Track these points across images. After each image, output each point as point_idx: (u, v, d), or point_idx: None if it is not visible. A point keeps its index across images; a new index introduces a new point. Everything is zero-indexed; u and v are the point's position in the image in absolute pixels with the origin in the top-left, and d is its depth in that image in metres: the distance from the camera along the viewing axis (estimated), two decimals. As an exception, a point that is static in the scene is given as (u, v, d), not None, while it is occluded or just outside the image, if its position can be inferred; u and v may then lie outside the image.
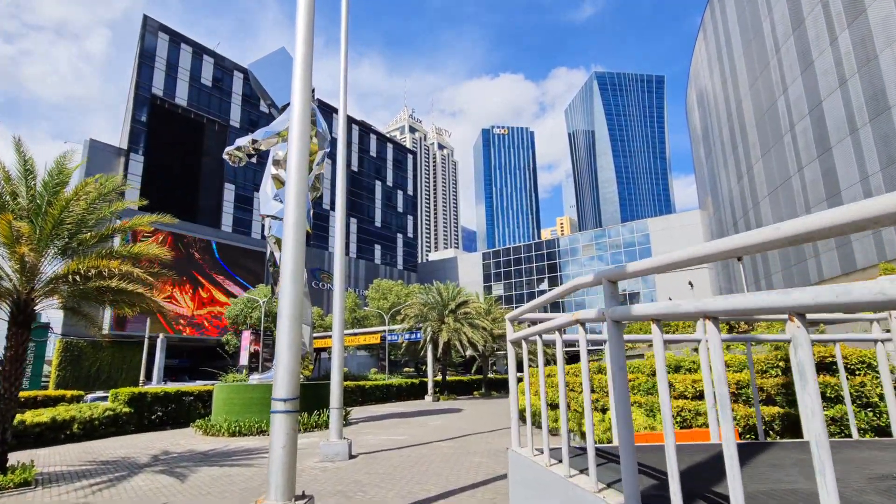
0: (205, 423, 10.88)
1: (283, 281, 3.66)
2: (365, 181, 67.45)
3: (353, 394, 22.10)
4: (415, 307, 24.21)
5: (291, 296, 3.62)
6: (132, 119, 40.11)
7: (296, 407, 3.48)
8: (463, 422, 13.02)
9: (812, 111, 20.00)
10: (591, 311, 2.27)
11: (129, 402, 11.77)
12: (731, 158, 28.98)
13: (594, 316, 2.15)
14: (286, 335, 3.56)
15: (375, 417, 15.01)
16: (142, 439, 10.28)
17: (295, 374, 3.54)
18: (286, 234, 3.75)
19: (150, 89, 41.86)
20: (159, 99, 42.81)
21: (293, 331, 3.57)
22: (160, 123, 42.78)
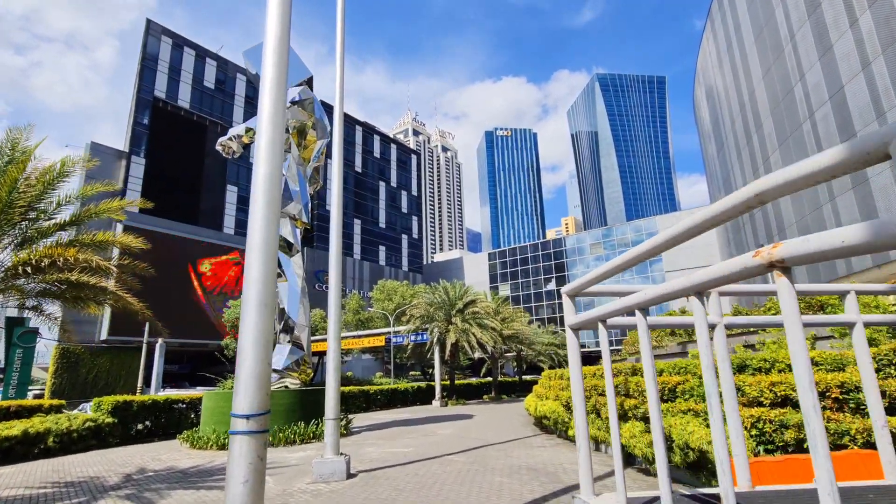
0: (192, 435, 10.01)
1: (251, 255, 2.77)
2: (369, 182, 66.84)
3: (356, 399, 21.19)
4: (420, 307, 23.30)
5: (261, 274, 2.73)
6: (134, 122, 39.75)
7: (263, 425, 2.57)
8: (475, 430, 12.05)
9: (833, 97, 18.98)
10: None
11: (113, 412, 10.94)
12: (746, 151, 27.93)
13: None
14: (252, 328, 2.67)
15: (379, 425, 14.08)
16: (122, 454, 9.41)
17: (263, 380, 2.63)
18: (255, 191, 2.86)
19: (153, 92, 41.57)
20: (161, 101, 42.50)
21: (262, 322, 2.68)
22: (162, 126, 42.45)
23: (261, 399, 2.59)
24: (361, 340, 26.79)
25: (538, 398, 12.66)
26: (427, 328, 22.68)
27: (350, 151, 64.68)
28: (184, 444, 10.25)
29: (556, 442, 9.25)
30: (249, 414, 2.54)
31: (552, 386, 10.89)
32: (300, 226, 12.87)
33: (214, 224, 47.05)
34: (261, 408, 2.58)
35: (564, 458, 7.28)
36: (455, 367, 25.56)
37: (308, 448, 9.43)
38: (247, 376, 2.61)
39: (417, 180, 76.02)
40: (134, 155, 39.64)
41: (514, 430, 11.46)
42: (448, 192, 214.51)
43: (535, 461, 7.13)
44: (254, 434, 2.52)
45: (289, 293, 12.11)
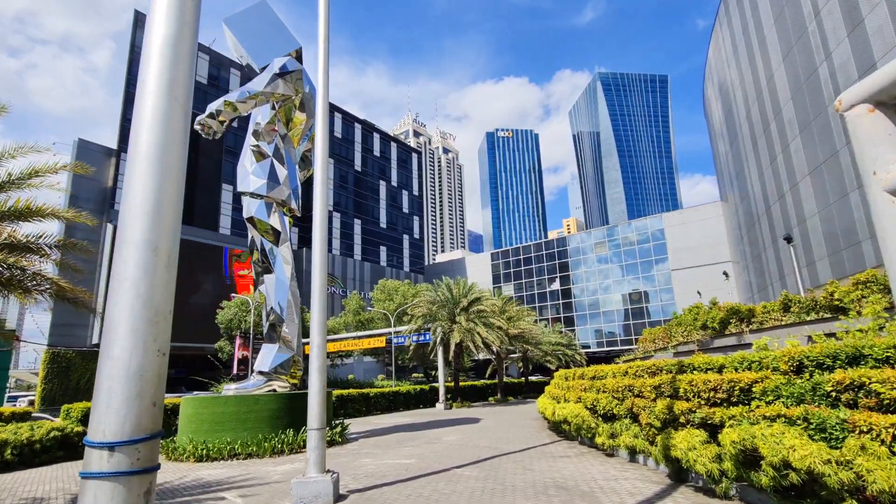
0: (167, 446, 8.89)
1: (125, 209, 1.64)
2: (369, 181, 65.86)
3: (355, 403, 20.05)
4: (423, 306, 22.15)
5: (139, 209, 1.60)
6: (123, 118, 38.81)
7: (146, 460, 1.41)
8: (484, 436, 10.87)
9: (863, 75, 17.75)
10: None
11: (84, 420, 9.82)
12: (762, 140, 26.70)
13: None
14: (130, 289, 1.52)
15: (379, 431, 12.92)
16: (85, 467, 8.27)
17: (144, 382, 1.48)
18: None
19: (142, 87, 40.54)
20: (153, 98, 41.38)
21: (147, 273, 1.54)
22: (154, 123, 41.34)
23: (137, 414, 1.43)
24: (362, 342, 25.65)
25: (553, 400, 11.47)
26: (430, 328, 21.51)
27: (349, 150, 63.75)
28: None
29: (580, 450, 8.06)
30: (115, 442, 1.38)
31: (571, 387, 9.71)
32: (289, 213, 11.77)
33: (210, 224, 46.08)
34: (137, 430, 1.42)
35: (597, 472, 6.10)
36: (459, 369, 24.37)
37: (297, 459, 8.28)
38: (116, 375, 1.45)
39: (419, 180, 75.01)
40: (124, 152, 38.63)
41: (528, 436, 10.28)
42: (449, 194, 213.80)
43: (562, 476, 5.95)
44: (122, 477, 1.36)
45: (276, 286, 10.99)
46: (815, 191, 21.45)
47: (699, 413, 4.94)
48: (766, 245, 27.70)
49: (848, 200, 19.02)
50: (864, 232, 18.16)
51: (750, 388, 4.38)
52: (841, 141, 19.18)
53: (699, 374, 5.37)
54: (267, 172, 11.33)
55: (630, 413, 6.67)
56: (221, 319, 27.66)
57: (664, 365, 6.72)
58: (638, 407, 6.37)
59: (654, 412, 5.85)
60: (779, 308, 8.16)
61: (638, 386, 6.58)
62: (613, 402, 7.15)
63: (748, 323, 8.68)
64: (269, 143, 11.19)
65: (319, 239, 5.67)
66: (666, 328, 12.77)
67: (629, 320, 59.55)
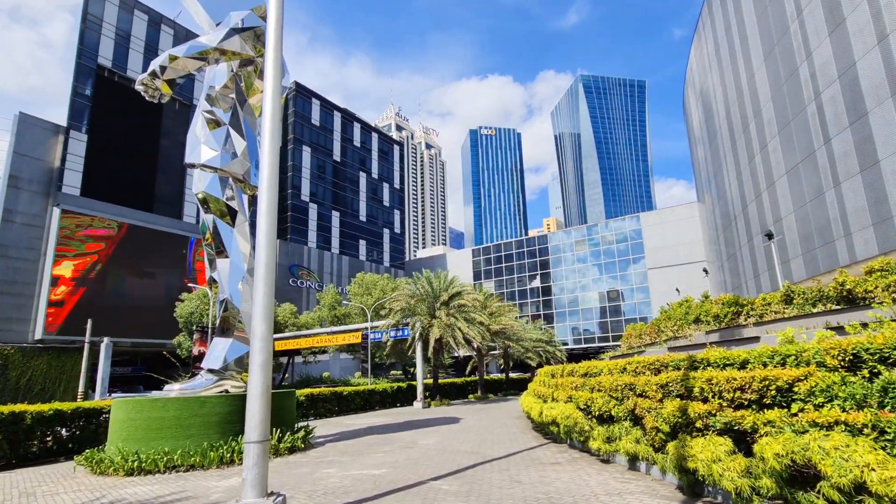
0: (93, 456, 7.53)
1: None
2: (348, 172, 63.81)
3: (327, 402, 18.82)
4: (401, 300, 21.08)
5: None
6: (74, 92, 35.42)
7: None
8: (465, 438, 9.99)
9: (843, 75, 17.96)
10: None
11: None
12: (741, 140, 27.04)
13: None
14: None
15: (350, 433, 11.84)
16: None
17: None
18: None
19: (96, 59, 37.12)
20: (107, 70, 37.98)
21: None
22: (108, 98, 37.88)
23: None
24: (336, 337, 24.33)
25: (539, 399, 10.72)
26: (408, 323, 20.48)
27: (328, 139, 61.50)
28: (83, 467, 7.73)
29: (570, 455, 7.28)
30: None
31: (560, 385, 8.95)
32: (249, 191, 10.47)
33: (173, 212, 43.11)
34: None
35: (595, 484, 5.30)
36: (438, 366, 23.46)
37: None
38: None
39: (400, 172, 73.44)
40: (74, 130, 35.21)
41: (513, 439, 9.46)
42: (431, 190, 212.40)
43: (557, 490, 5.12)
44: None
45: (231, 272, 9.71)
46: (791, 190, 21.72)
47: (722, 417, 4.18)
48: (742, 244, 28.14)
49: (823, 199, 19.26)
50: (838, 230, 18.40)
51: (790, 387, 3.63)
52: (819, 140, 19.38)
53: (717, 372, 4.62)
54: (222, 142, 10.00)
55: (631, 415, 5.91)
56: (181, 313, 25.65)
57: (669, 360, 5.99)
58: (641, 408, 5.61)
59: (661, 415, 5.08)
60: (780, 300, 7.68)
61: (640, 384, 5.82)
62: (611, 403, 6.38)
63: (747, 316, 8.20)
64: (225, 111, 9.86)
65: (267, 200, 4.56)
66: (653, 323, 12.28)
67: (606, 318, 60.36)
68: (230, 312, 9.83)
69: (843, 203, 17.95)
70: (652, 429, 5.37)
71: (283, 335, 26.85)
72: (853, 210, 17.41)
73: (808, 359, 3.75)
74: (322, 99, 62.17)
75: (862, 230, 17.07)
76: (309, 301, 49.37)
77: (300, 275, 51.90)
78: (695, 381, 4.71)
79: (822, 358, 3.60)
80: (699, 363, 5.10)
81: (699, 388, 4.62)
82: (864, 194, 16.95)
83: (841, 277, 6.73)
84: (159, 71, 8.77)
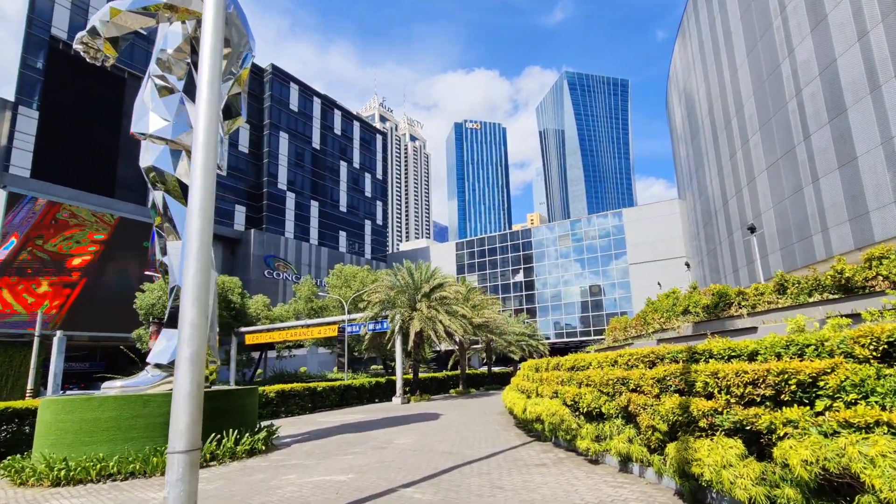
0: (14, 464, 6.54)
1: None
2: (328, 161, 61.90)
3: (299, 399, 17.93)
4: (381, 291, 20.28)
5: None
6: (23, 64, 32.50)
7: None
8: (444, 436, 9.41)
9: (824, 71, 18.11)
10: None
11: None
12: (723, 136, 27.30)
13: None
14: None
15: (321, 432, 11.09)
16: None
17: None
18: None
19: (49, 29, 34.17)
20: (62, 42, 35.00)
21: None
22: (63, 73, 34.91)
23: None
24: (311, 330, 23.34)
25: (522, 394, 10.24)
26: (387, 315, 19.74)
27: (307, 126, 59.39)
28: (3, 477, 6.73)
29: (556, 455, 6.79)
30: None
31: (545, 379, 8.45)
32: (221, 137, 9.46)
33: (136, 198, 40.59)
34: None
35: (584, 489, 4.78)
36: (420, 360, 22.86)
37: (211, 475, 6.33)
38: None
39: (383, 163, 71.90)
40: (23, 106, 32.33)
41: (494, 437, 8.94)
42: (415, 183, 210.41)
43: (543, 497, 4.57)
44: None
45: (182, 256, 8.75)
46: (771, 186, 21.99)
47: (731, 415, 3.68)
48: (722, 239, 28.56)
49: (802, 195, 19.53)
50: (815, 226, 18.69)
51: (814, 381, 3.14)
52: (798, 136, 19.58)
53: (723, 364, 4.13)
54: (174, 111, 8.94)
55: (624, 412, 5.42)
56: (141, 305, 24.07)
57: (665, 352, 5.51)
58: (636, 405, 5.11)
59: (659, 412, 4.58)
60: (772, 290, 7.39)
61: (634, 379, 5.32)
62: (602, 399, 5.88)
63: (738, 306, 7.90)
64: (179, 78, 8.80)
65: (202, 159, 3.76)
66: (640, 315, 11.99)
67: (588, 312, 61.12)
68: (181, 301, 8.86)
69: (821, 199, 18.20)
70: (648, 428, 4.88)
71: (255, 328, 25.64)
72: (831, 205, 17.66)
73: (832, 349, 3.28)
74: (301, 84, 59.90)
75: (838, 225, 17.33)
76: (286, 293, 47.77)
77: (276, 266, 50.13)
78: (697, 374, 4.22)
79: (850, 348, 3.13)
80: (700, 355, 4.63)
81: (702, 383, 4.13)
82: (842, 190, 17.19)
83: (839, 265, 6.44)
84: (100, 27, 7.66)
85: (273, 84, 56.51)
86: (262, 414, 16.30)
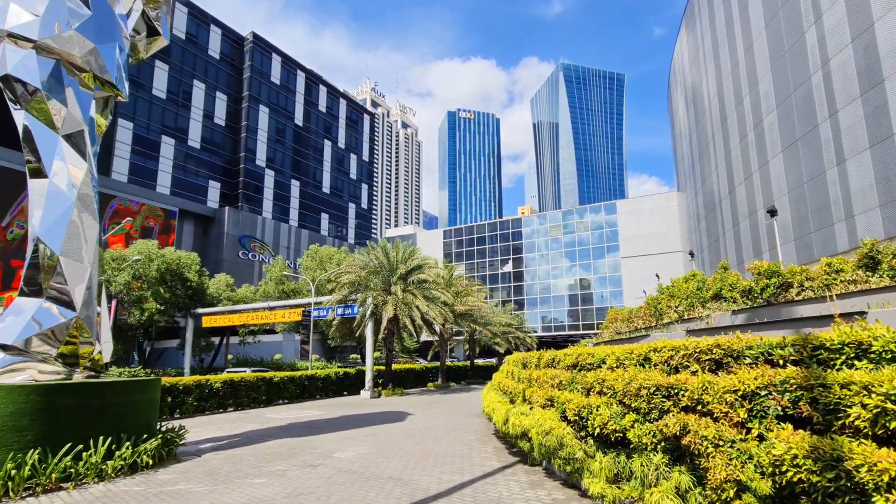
0: None
1: None
2: (311, 139, 58.45)
3: (251, 390, 15.61)
4: (351, 271, 17.86)
5: None
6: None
7: None
8: (402, 450, 7.21)
9: (857, 38, 16.07)
10: None
11: None
12: (733, 117, 25.30)
13: None
14: None
15: (254, 437, 8.79)
16: None
17: None
18: None
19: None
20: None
21: None
22: (19, 28, 31.30)
23: None
24: (274, 314, 20.85)
25: (504, 396, 8.04)
26: (356, 299, 17.36)
27: (289, 100, 55.76)
28: None
29: (552, 496, 4.57)
30: None
31: (536, 380, 6.23)
32: (99, 90, 7.01)
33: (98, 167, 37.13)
34: None
35: None
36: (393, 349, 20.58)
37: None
38: None
39: (370, 144, 68.62)
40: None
41: (466, 453, 6.73)
42: (406, 171, 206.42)
43: None
44: None
45: (47, 200, 6.29)
46: (787, 169, 20.09)
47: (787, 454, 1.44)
48: (727, 229, 26.78)
49: (824, 179, 17.63)
50: (838, 213, 16.82)
51: None
52: (823, 113, 17.60)
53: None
54: (47, 6, 6.47)
55: (670, 444, 3.19)
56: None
57: (737, 346, 3.29)
58: (699, 438, 2.88)
59: (755, 457, 2.35)
60: (855, 266, 5.35)
61: (693, 389, 3.08)
62: (628, 418, 3.66)
63: (801, 289, 5.84)
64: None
65: None
66: (650, 303, 9.90)
67: (576, 306, 59.68)
68: (42, 261, 6.37)
69: (847, 182, 16.31)
70: (726, 483, 2.65)
71: (213, 310, 23.03)
72: (858, 190, 15.77)
73: None
74: (284, 56, 56.05)
75: (867, 212, 15.46)
76: (261, 276, 44.89)
77: (252, 247, 47.06)
78: (842, 391, 1.96)
79: None
80: (833, 350, 2.39)
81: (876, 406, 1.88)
82: (873, 172, 15.28)
83: None
84: None
85: (254, 54, 52.66)
86: (204, 407, 13.96)
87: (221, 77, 50.75)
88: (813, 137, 18.10)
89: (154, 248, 23.69)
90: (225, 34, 51.80)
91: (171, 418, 12.35)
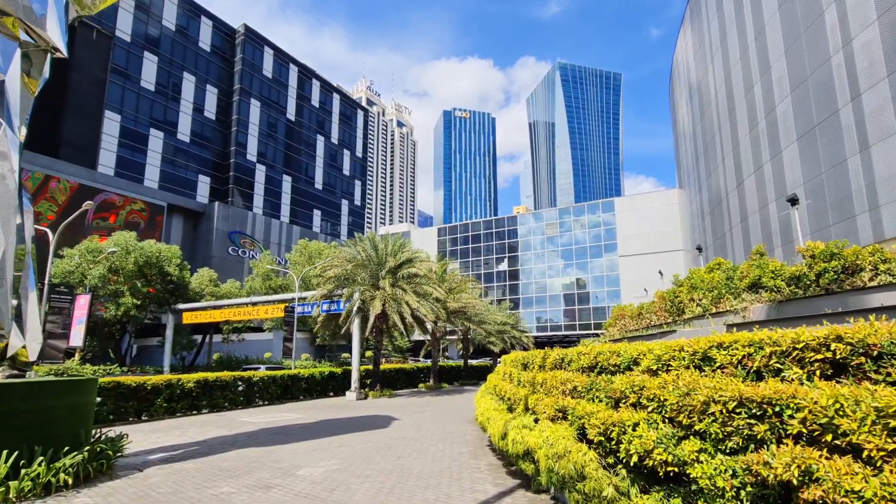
0: None
1: None
2: (304, 134, 56.99)
3: (226, 391, 14.34)
4: (337, 265, 16.56)
5: None
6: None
7: None
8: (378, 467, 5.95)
9: (884, 14, 14.96)
10: None
11: None
12: (741, 106, 24.18)
13: None
14: None
15: (215, 446, 7.50)
16: None
17: None
18: None
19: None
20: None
21: None
22: None
23: None
24: (257, 309, 19.52)
25: (501, 402, 6.78)
26: (342, 294, 16.06)
27: (281, 94, 54.28)
28: None
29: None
30: None
31: (541, 384, 4.97)
32: (35, 45, 5.74)
33: (84, 160, 35.80)
34: None
35: None
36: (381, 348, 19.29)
37: None
38: None
39: (364, 140, 67.22)
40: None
41: (455, 474, 5.45)
42: (401, 170, 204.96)
43: None
44: None
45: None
46: (802, 159, 18.96)
47: None
48: (734, 224, 25.65)
49: (845, 167, 16.50)
50: (861, 204, 15.68)
51: None
52: (844, 97, 16.47)
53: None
54: None
55: (775, 496, 1.92)
56: (57, 272, 19.83)
57: (873, 339, 1.99)
58: (848, 495, 1.60)
59: None
60: None
61: (811, 407, 1.80)
62: (687, 446, 2.40)
63: (875, 272, 4.73)
64: None
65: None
66: (665, 297, 8.69)
67: (572, 305, 58.56)
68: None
69: (872, 171, 15.17)
70: None
71: (194, 305, 21.67)
72: (884, 179, 14.64)
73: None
74: (277, 49, 54.56)
75: (893, 202, 14.34)
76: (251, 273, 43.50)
77: (242, 243, 45.58)
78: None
79: None
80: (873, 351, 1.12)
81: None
82: (900, 159, 14.18)
83: None
84: None
85: (245, 46, 51.17)
86: (174, 409, 12.65)
87: (212, 70, 49.29)
88: (832, 123, 16.98)
89: (132, 239, 22.29)
90: (216, 26, 50.33)
91: (138, 421, 11.19)
